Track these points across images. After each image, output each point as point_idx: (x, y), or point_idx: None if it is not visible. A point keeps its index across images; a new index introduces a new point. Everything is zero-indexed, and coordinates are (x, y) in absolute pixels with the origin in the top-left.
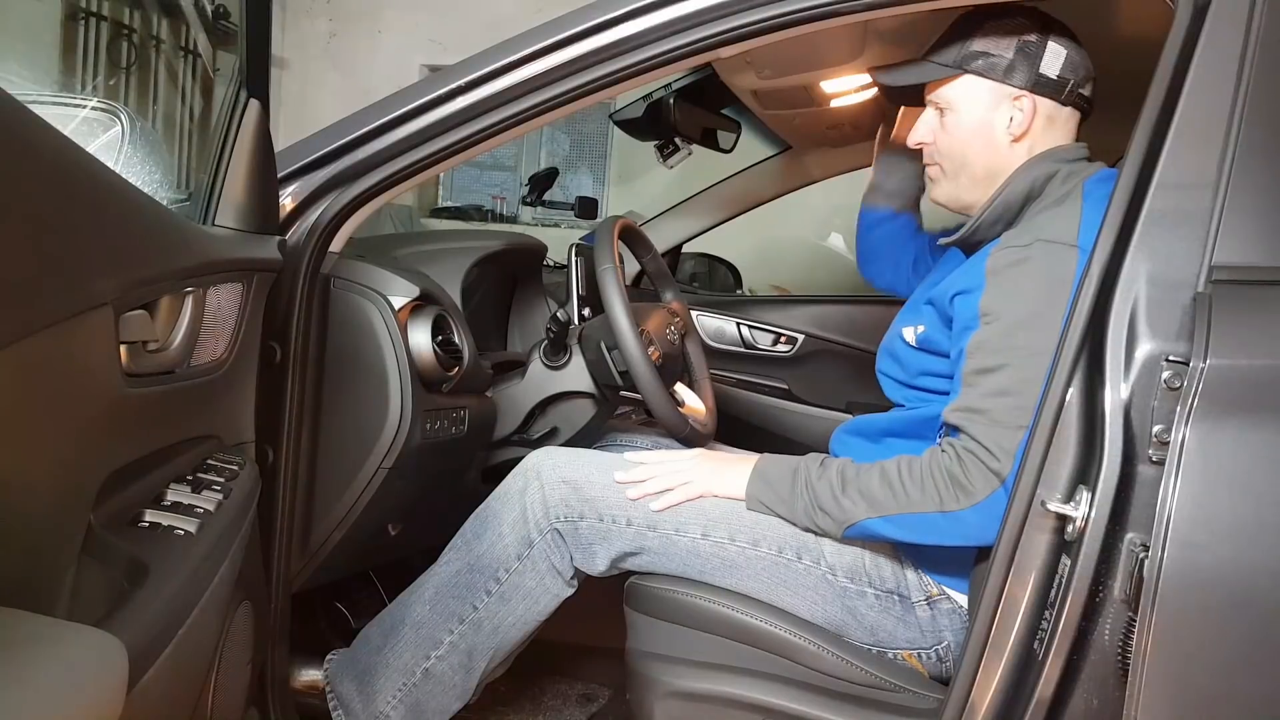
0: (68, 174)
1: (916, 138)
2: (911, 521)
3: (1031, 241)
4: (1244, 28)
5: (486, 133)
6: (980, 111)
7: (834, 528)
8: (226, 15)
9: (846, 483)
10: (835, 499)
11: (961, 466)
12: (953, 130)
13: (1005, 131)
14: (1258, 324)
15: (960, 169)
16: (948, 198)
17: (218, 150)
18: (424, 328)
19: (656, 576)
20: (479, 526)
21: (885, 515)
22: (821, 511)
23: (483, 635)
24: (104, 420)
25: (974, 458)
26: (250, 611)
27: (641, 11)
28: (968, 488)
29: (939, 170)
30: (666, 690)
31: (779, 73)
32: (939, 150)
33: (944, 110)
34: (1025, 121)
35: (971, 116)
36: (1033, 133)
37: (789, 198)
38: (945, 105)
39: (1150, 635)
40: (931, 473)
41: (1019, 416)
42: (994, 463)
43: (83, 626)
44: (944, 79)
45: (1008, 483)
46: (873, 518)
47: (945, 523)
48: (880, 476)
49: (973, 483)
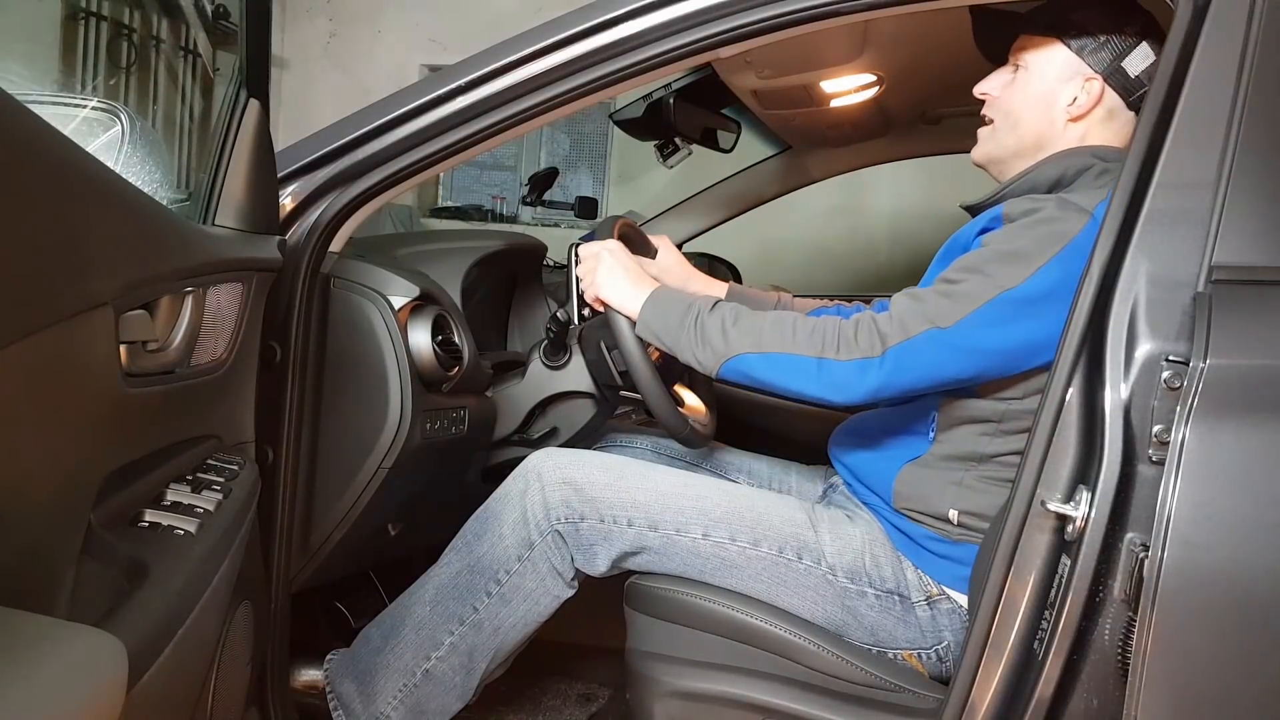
0: (68, 174)
1: (985, 87)
2: (785, 362)
3: (1052, 200)
4: (1244, 28)
5: (486, 133)
6: (1051, 80)
7: (713, 361)
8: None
9: (740, 319)
10: (723, 331)
11: (856, 328)
12: (1020, 88)
13: (1065, 108)
14: (1258, 324)
15: (1010, 129)
16: (987, 157)
17: (218, 150)
18: (424, 328)
19: (657, 576)
20: (479, 528)
21: (764, 352)
22: (705, 344)
23: (483, 636)
24: (104, 420)
25: (871, 323)
26: (250, 611)
27: (641, 11)
28: (849, 343)
29: (990, 128)
30: (667, 690)
31: (779, 73)
32: (999, 104)
33: (1020, 69)
34: (1087, 105)
35: (1042, 81)
36: (1090, 119)
37: (789, 198)
38: (1024, 64)
39: (1150, 635)
40: (826, 328)
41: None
42: (885, 327)
43: (83, 626)
44: (1035, 37)
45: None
46: (752, 353)
47: (814, 369)
48: (775, 320)
49: (857, 340)
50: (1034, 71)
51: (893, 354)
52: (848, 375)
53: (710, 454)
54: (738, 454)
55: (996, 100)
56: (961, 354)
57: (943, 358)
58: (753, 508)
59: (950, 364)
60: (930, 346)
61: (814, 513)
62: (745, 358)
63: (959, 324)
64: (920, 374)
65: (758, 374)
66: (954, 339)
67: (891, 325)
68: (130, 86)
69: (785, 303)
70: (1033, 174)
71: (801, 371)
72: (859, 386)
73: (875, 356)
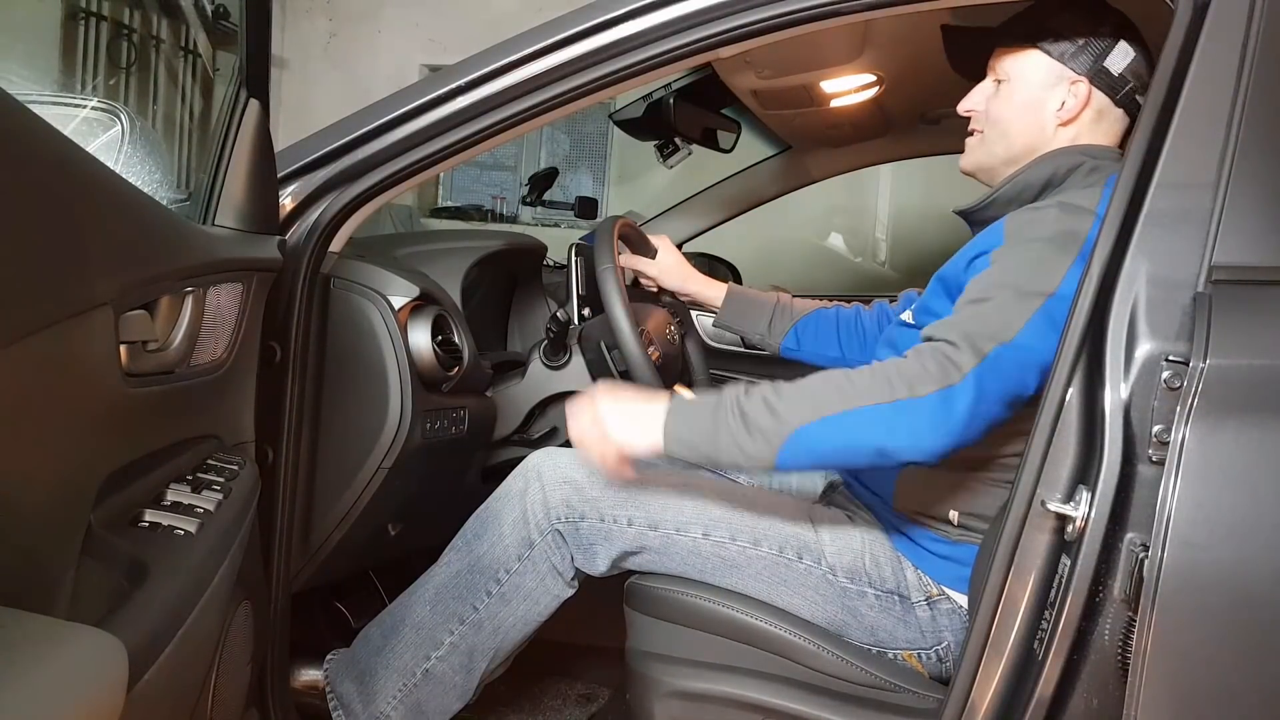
0: (68, 174)
1: (969, 104)
2: (854, 420)
3: (1050, 204)
4: (1244, 28)
5: (486, 133)
6: (1036, 87)
7: (766, 450)
8: (226, 15)
9: (782, 389)
10: (769, 409)
11: (918, 357)
12: (1005, 99)
13: (1054, 113)
14: (1258, 324)
15: (1000, 138)
16: (976, 165)
17: (218, 150)
18: (424, 328)
19: (657, 576)
20: (479, 527)
21: (826, 416)
22: (752, 432)
23: (483, 636)
24: (104, 420)
25: (933, 348)
26: (250, 611)
27: (641, 11)
28: (921, 375)
29: (979, 137)
30: (666, 690)
31: (779, 73)
32: (986, 116)
33: (1002, 81)
34: (1076, 108)
35: (1027, 90)
36: (1080, 122)
37: (789, 198)
38: (1005, 76)
39: (1150, 635)
40: (886, 369)
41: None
42: (955, 353)
43: (83, 626)
44: (1013, 48)
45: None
46: (811, 422)
47: (890, 416)
48: (823, 378)
49: (926, 367)
50: (1018, 81)
51: (974, 377)
52: (932, 412)
53: None
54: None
55: (983, 114)
56: (1030, 368)
57: (1015, 373)
58: (752, 507)
59: (1024, 378)
60: (1003, 364)
61: (814, 512)
62: (805, 431)
63: (1019, 336)
64: (1003, 392)
65: (826, 445)
66: (1019, 353)
67: (961, 352)
68: (130, 86)
69: (785, 303)
70: (1024, 175)
71: (877, 423)
72: (948, 422)
73: (956, 384)
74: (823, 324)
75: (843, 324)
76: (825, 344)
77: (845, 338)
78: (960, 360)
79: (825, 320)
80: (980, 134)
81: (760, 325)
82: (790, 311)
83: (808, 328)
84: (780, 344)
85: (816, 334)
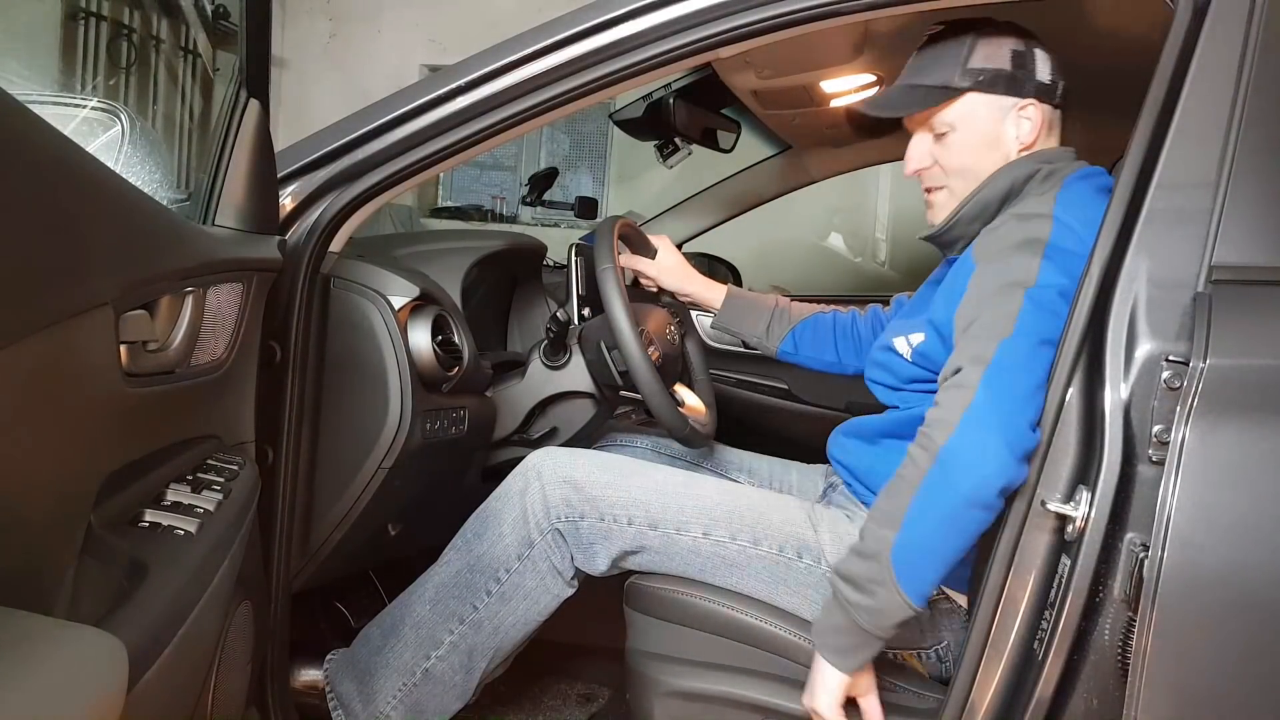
0: (68, 174)
1: (915, 166)
2: (926, 501)
3: (1007, 219)
4: (1244, 28)
5: (486, 133)
6: (986, 126)
7: (890, 594)
8: (226, 15)
9: (864, 533)
10: (862, 556)
11: (933, 407)
12: (959, 149)
13: (1015, 141)
14: (1258, 324)
15: (970, 184)
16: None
17: (218, 150)
18: (424, 328)
19: (657, 576)
20: (479, 526)
21: (903, 522)
22: (870, 586)
23: (483, 635)
24: (104, 420)
25: (943, 390)
26: (250, 611)
27: (641, 11)
28: (938, 421)
29: (945, 193)
30: (666, 690)
31: (779, 73)
32: (945, 172)
33: (943, 133)
34: (1034, 130)
35: (977, 132)
36: (1039, 139)
37: (789, 198)
38: (945, 127)
39: (1150, 635)
40: (909, 447)
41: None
42: (960, 376)
43: (83, 626)
44: (944, 102)
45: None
46: (898, 535)
47: (940, 474)
48: (883, 492)
49: (941, 413)
50: (965, 127)
51: (985, 382)
52: (966, 439)
53: (710, 453)
54: (738, 453)
55: (937, 170)
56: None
57: (1030, 357)
58: (753, 507)
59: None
60: (1012, 354)
61: (814, 512)
62: (900, 547)
63: (1019, 326)
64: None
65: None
66: (1023, 340)
67: (965, 374)
68: (130, 86)
69: (783, 307)
70: (983, 194)
71: (942, 487)
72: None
73: (971, 401)
74: (820, 329)
75: (839, 329)
76: (822, 349)
77: (841, 343)
78: (967, 378)
79: (822, 326)
80: (945, 189)
81: (758, 328)
82: (788, 316)
83: (805, 333)
84: (777, 348)
85: (813, 339)
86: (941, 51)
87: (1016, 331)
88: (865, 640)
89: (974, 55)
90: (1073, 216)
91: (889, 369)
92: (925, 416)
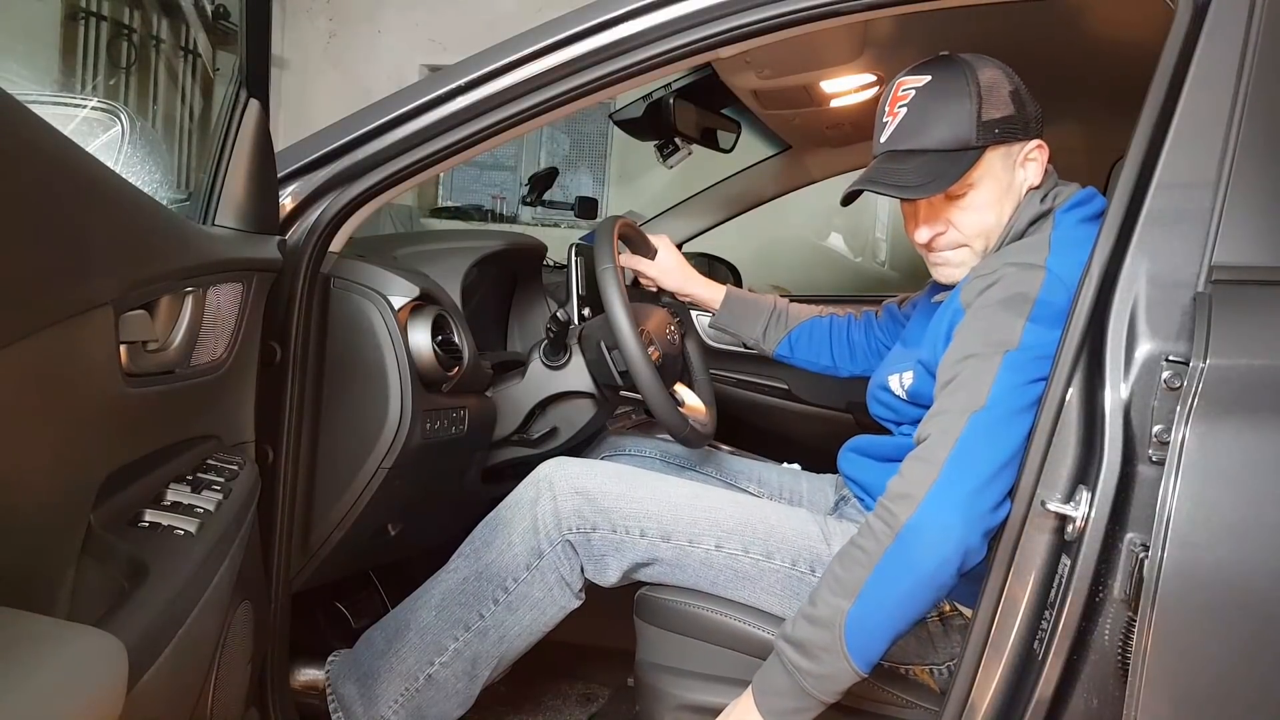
0: (68, 174)
1: (931, 232)
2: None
3: (999, 266)
4: (1244, 28)
5: (486, 133)
6: (1003, 177)
7: (837, 662)
8: (226, 15)
9: (815, 598)
10: (811, 621)
11: (897, 477)
12: (981, 209)
13: (1024, 185)
14: (1258, 324)
15: (989, 238)
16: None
17: (218, 150)
18: (424, 328)
19: (668, 588)
20: (488, 534)
21: (859, 594)
22: (818, 653)
23: (488, 644)
24: (104, 420)
25: (910, 458)
26: (250, 611)
27: (641, 11)
28: (899, 496)
29: (964, 251)
30: (676, 703)
31: (779, 73)
32: (962, 234)
33: (962, 194)
34: (1040, 169)
35: (997, 188)
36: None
37: (789, 198)
38: (965, 189)
39: (1150, 635)
40: (869, 518)
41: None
42: (927, 450)
43: (83, 626)
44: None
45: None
46: (851, 607)
47: (900, 551)
48: (837, 558)
49: (906, 478)
50: (984, 186)
51: (951, 460)
52: (928, 519)
53: (719, 461)
54: (747, 462)
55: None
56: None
57: (999, 432)
58: (765, 519)
59: (1009, 434)
60: (981, 430)
61: (826, 526)
62: (854, 615)
63: (991, 398)
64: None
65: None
66: (995, 412)
67: (932, 446)
68: (130, 86)
69: (781, 309)
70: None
71: (900, 562)
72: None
73: (936, 480)
74: (816, 333)
75: (835, 334)
76: (817, 353)
77: (836, 348)
78: (934, 453)
79: (819, 330)
80: (966, 248)
81: (755, 330)
82: (785, 318)
83: (801, 336)
84: (774, 349)
85: (810, 343)
86: (942, 106)
87: (989, 404)
88: (807, 704)
89: (985, 106)
90: (1064, 264)
91: (889, 407)
92: (887, 487)
